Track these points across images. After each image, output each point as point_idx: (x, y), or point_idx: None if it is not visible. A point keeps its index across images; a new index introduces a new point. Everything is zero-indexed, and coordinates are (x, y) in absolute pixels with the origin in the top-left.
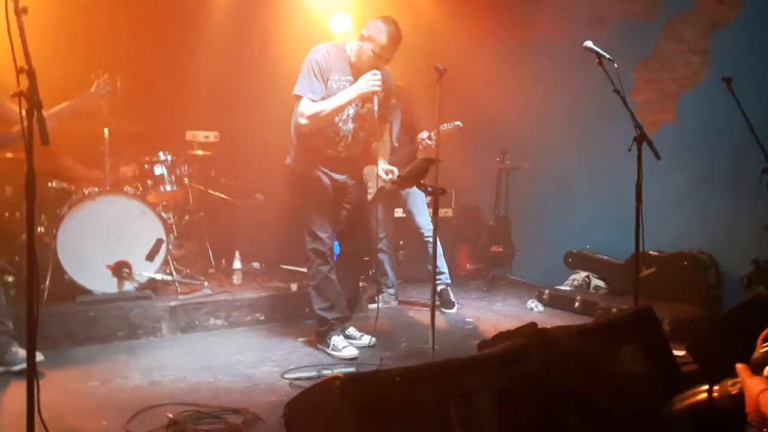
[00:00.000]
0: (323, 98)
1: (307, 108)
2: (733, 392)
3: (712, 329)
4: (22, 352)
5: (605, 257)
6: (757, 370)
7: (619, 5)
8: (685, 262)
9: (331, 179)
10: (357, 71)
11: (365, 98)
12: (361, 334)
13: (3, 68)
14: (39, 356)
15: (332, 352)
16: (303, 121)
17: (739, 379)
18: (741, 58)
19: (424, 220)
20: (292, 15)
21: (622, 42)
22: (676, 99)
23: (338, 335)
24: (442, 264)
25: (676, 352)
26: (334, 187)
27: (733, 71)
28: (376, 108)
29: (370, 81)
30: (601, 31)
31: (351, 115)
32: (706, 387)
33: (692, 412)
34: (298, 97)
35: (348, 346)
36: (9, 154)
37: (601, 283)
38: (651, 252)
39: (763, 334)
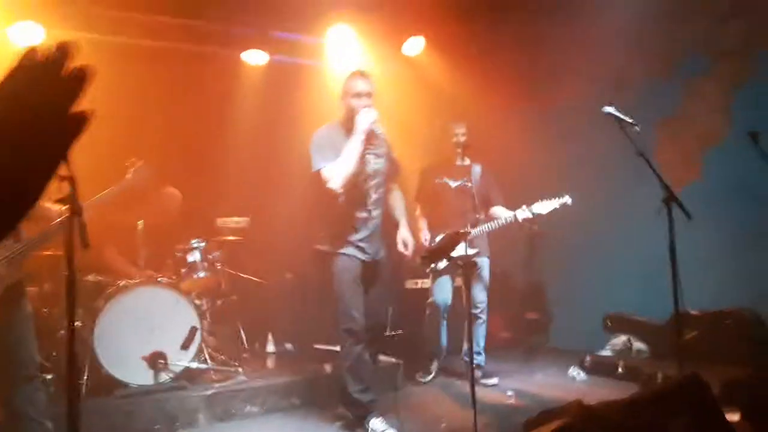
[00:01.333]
0: None
1: (330, 172)
2: None
3: (763, 389)
4: None
5: (644, 319)
6: None
7: (640, 65)
8: (728, 321)
9: (361, 255)
10: (351, 130)
11: (370, 136)
12: (384, 428)
13: None
14: None
15: None
16: (333, 184)
17: None
18: (764, 112)
19: (482, 294)
20: (318, 99)
21: (645, 102)
22: (700, 157)
23: (376, 417)
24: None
25: (730, 417)
26: (364, 264)
27: (756, 126)
28: (383, 161)
29: (365, 115)
30: (623, 92)
31: (370, 173)
32: None
33: None
34: (319, 172)
35: (387, 429)
36: (48, 252)
37: (642, 347)
38: (692, 312)
39: None
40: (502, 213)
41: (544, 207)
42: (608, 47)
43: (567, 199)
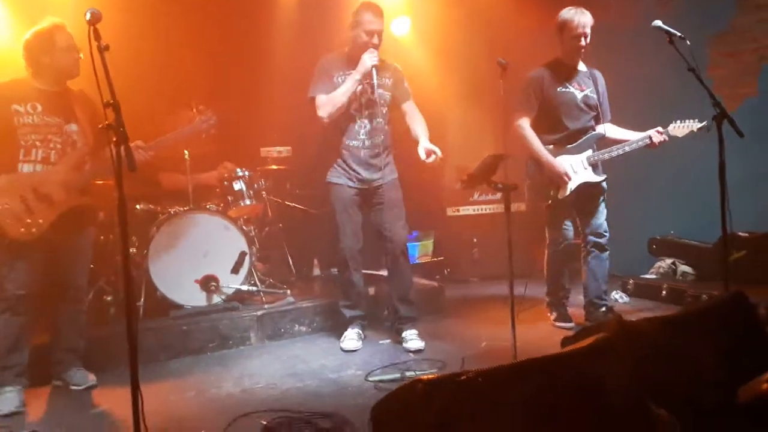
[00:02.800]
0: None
1: (320, 102)
2: None
3: None
4: (81, 374)
5: (691, 242)
6: None
7: None
8: None
9: (357, 179)
10: (356, 62)
11: (369, 73)
12: (413, 338)
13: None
14: (92, 380)
15: (340, 342)
16: (321, 113)
17: None
18: None
19: (605, 223)
20: None
21: (694, 18)
22: (758, 71)
23: (353, 329)
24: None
25: None
26: (360, 192)
27: None
28: (375, 82)
29: (368, 57)
30: (669, 9)
31: (363, 103)
32: (767, 376)
33: (756, 401)
34: (313, 99)
35: (350, 341)
36: (99, 181)
37: (688, 269)
38: (740, 233)
39: None
40: (621, 133)
41: (680, 129)
42: None
43: (706, 124)
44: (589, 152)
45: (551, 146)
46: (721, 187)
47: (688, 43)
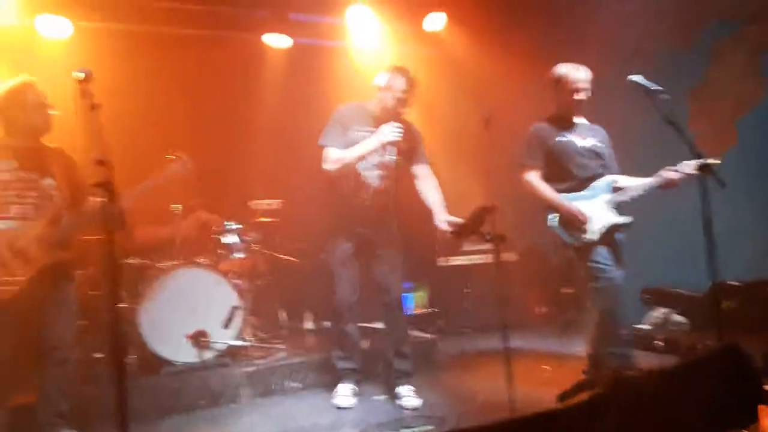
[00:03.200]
0: (346, 148)
1: (331, 154)
2: None
3: None
4: None
5: (682, 291)
6: None
7: (664, 35)
8: None
9: (357, 233)
10: (378, 122)
11: (387, 147)
12: (409, 394)
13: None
14: None
15: (332, 398)
16: (327, 166)
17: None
18: None
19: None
20: (343, 78)
21: (672, 73)
22: (734, 123)
23: (344, 384)
24: None
25: None
26: (359, 242)
27: None
28: (393, 158)
29: (390, 132)
30: (648, 63)
31: (374, 163)
32: None
33: None
34: (323, 147)
35: (343, 397)
36: (92, 236)
37: (681, 319)
38: (731, 282)
39: None
40: (635, 181)
41: (689, 166)
42: (630, 18)
43: (716, 161)
44: (608, 196)
45: (564, 195)
46: (707, 236)
47: (667, 97)
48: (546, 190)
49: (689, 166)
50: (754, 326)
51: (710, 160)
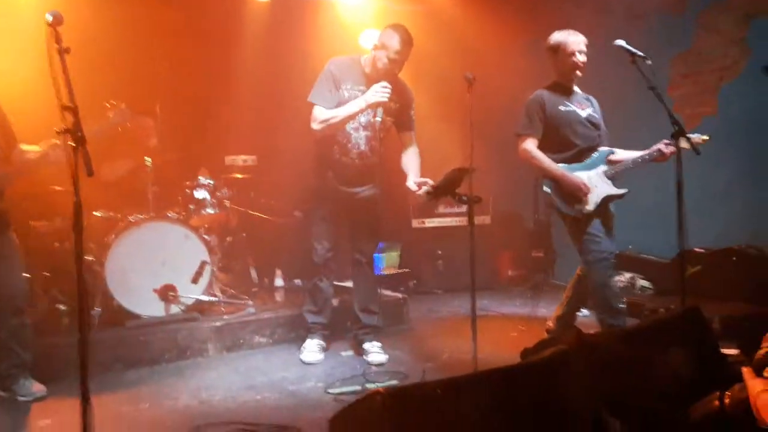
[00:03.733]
0: (336, 106)
1: (319, 114)
2: (743, 397)
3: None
4: (28, 385)
5: (650, 257)
6: (759, 372)
7: (655, 2)
8: (734, 258)
9: (340, 192)
10: (371, 81)
11: (376, 107)
12: (376, 350)
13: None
14: (40, 391)
15: (300, 354)
16: (315, 126)
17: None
18: None
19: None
20: (326, 34)
21: (659, 37)
22: (716, 91)
23: (312, 339)
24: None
25: (728, 351)
26: (341, 198)
27: None
28: (379, 119)
29: (380, 92)
30: (637, 27)
31: (363, 124)
32: (717, 394)
33: (707, 420)
34: (312, 105)
35: (311, 353)
36: (57, 187)
37: (647, 284)
38: (697, 249)
39: (767, 334)
40: (628, 153)
41: (687, 141)
42: None
43: (706, 139)
44: (604, 167)
45: (563, 165)
46: (678, 205)
47: (650, 62)
48: (546, 160)
49: (683, 142)
50: (717, 292)
51: (696, 135)
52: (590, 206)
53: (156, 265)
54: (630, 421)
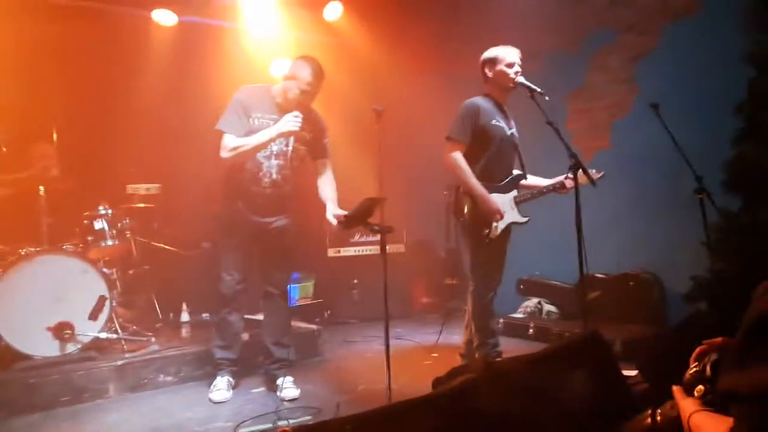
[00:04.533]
0: (246, 135)
1: (228, 142)
2: (673, 415)
3: (659, 347)
4: None
5: (555, 282)
6: (689, 391)
7: (551, 38)
8: (631, 283)
9: (251, 222)
10: (283, 110)
11: (288, 137)
12: (289, 386)
13: None
14: None
15: (209, 393)
16: (224, 154)
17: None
18: (666, 84)
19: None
20: (234, 61)
21: (555, 74)
22: (608, 126)
23: (222, 376)
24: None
25: (628, 373)
26: (252, 228)
27: (660, 97)
28: (290, 148)
29: (291, 121)
30: (535, 64)
31: (275, 152)
32: (650, 411)
33: None
34: (221, 133)
35: (219, 391)
36: None
37: (553, 308)
38: (597, 275)
39: (694, 353)
40: (535, 180)
41: (583, 177)
42: (521, 18)
43: (602, 174)
44: (515, 192)
45: (481, 181)
46: (577, 231)
47: (548, 98)
48: (471, 176)
49: (581, 176)
50: (616, 315)
51: (593, 171)
52: (496, 231)
53: (50, 302)
54: None
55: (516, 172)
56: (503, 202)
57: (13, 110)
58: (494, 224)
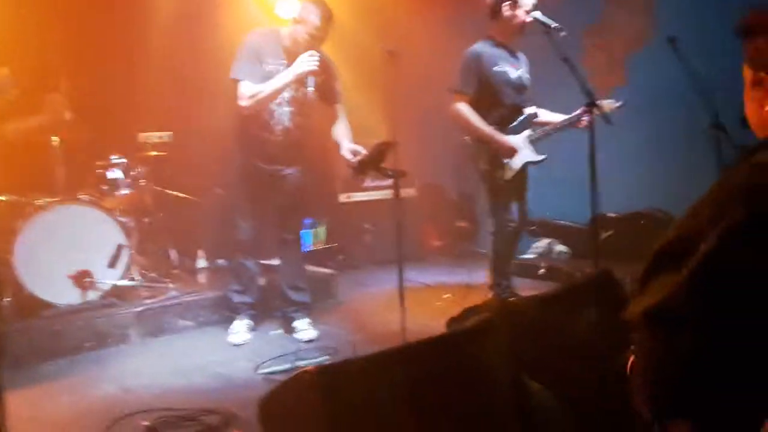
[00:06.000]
0: (261, 81)
1: (246, 90)
2: None
3: None
4: None
5: (566, 223)
6: None
7: None
8: (642, 221)
9: (263, 170)
10: (292, 55)
11: (301, 81)
12: (305, 327)
13: None
14: None
15: (228, 336)
16: (243, 102)
17: None
18: (685, 17)
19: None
20: (239, 3)
21: (570, 9)
22: (624, 62)
23: (240, 320)
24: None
25: None
26: (266, 176)
27: (678, 31)
28: (311, 89)
29: (307, 61)
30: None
31: (287, 99)
32: None
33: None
34: (236, 81)
35: (238, 334)
36: None
37: (563, 248)
38: (609, 214)
39: None
40: (552, 116)
41: (604, 105)
42: None
43: (620, 104)
44: (528, 132)
45: (492, 126)
46: (591, 171)
47: (564, 33)
48: (478, 120)
49: (602, 107)
50: (628, 254)
51: (607, 102)
52: (512, 172)
53: (69, 251)
54: (547, 383)
55: (528, 111)
56: (516, 141)
57: (23, 61)
58: (507, 163)
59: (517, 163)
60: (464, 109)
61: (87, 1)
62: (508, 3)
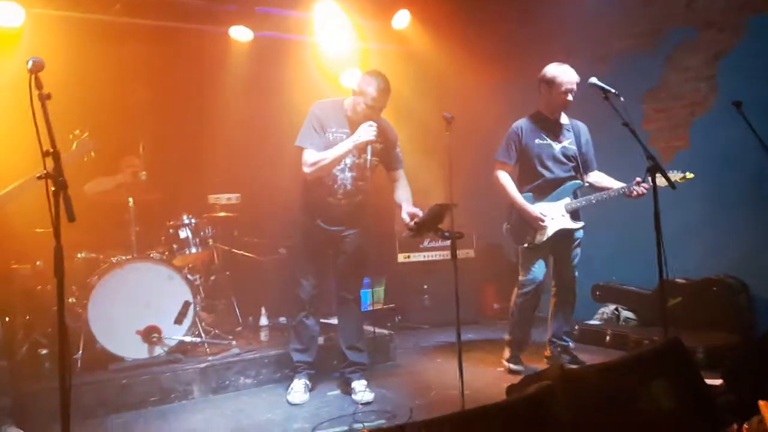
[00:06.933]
0: (324, 149)
1: (309, 157)
2: (762, 430)
3: (746, 356)
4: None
5: (632, 288)
6: None
7: (620, 40)
8: (714, 288)
9: (326, 231)
10: (353, 124)
11: (361, 148)
12: (363, 389)
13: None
14: None
15: (287, 395)
16: (307, 169)
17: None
18: (747, 82)
19: (575, 270)
20: (306, 73)
21: (627, 76)
22: (688, 126)
23: (299, 379)
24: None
25: (711, 382)
26: (328, 237)
27: (741, 96)
28: (369, 157)
29: (366, 131)
30: (604, 66)
31: (348, 165)
32: (735, 426)
33: None
34: (301, 149)
35: (297, 393)
36: (39, 229)
37: (630, 315)
38: (678, 280)
39: None
40: (607, 181)
41: (663, 179)
42: (589, 21)
43: (690, 174)
44: (567, 200)
45: (530, 194)
46: (657, 235)
47: (623, 99)
48: (511, 189)
49: (660, 178)
50: (698, 322)
51: (677, 172)
52: (542, 237)
53: (139, 307)
54: None
55: (571, 182)
56: (550, 210)
57: (103, 127)
58: (538, 231)
59: (548, 230)
60: (503, 177)
61: (162, 72)
62: (543, 85)
